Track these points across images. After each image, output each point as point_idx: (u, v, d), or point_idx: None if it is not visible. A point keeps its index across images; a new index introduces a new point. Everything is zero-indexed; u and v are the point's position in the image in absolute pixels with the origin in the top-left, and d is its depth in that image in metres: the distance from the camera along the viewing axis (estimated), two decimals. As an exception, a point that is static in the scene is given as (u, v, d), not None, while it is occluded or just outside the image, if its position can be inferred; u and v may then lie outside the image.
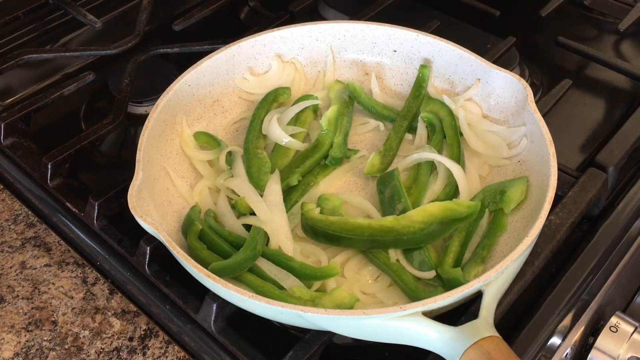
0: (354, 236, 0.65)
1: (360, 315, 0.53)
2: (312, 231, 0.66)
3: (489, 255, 0.65)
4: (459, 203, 0.65)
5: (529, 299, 0.65)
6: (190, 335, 0.62)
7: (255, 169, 0.72)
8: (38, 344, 0.63)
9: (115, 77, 0.86)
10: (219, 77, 0.79)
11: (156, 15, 1.00)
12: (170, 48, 0.89)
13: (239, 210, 0.70)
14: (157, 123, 0.70)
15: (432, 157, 0.72)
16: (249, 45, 0.80)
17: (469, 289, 0.55)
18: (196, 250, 0.64)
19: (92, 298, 0.67)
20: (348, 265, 0.66)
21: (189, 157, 0.74)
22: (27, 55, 0.88)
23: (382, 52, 0.82)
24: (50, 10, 1.00)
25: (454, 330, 0.53)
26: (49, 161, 0.73)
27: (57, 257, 0.71)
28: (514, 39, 0.89)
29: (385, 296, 0.63)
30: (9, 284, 0.68)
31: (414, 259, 0.64)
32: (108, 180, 0.71)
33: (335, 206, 0.69)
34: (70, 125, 0.86)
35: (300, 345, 0.58)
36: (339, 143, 0.75)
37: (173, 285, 0.64)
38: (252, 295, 0.55)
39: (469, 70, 0.77)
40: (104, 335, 0.64)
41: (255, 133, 0.76)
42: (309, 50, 0.83)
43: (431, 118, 0.77)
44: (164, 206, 0.68)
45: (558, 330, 0.62)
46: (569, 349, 0.62)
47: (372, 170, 0.73)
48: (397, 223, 0.64)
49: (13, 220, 0.74)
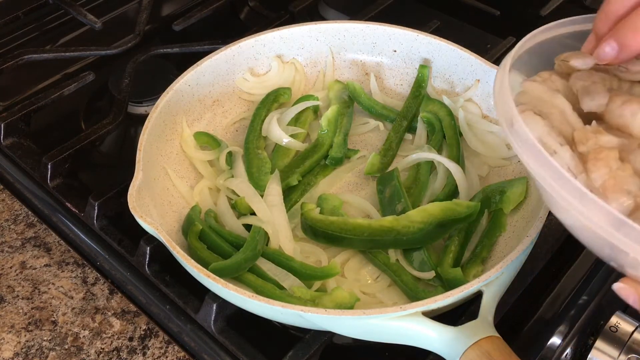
0: (353, 236, 0.65)
1: (360, 315, 0.53)
2: (311, 231, 0.66)
3: (489, 255, 0.66)
4: (459, 203, 0.66)
5: (529, 299, 0.65)
6: (190, 335, 0.62)
7: (256, 169, 0.72)
8: (38, 344, 0.63)
9: (115, 77, 0.86)
10: (219, 77, 0.79)
11: (156, 15, 1.00)
12: (170, 48, 0.89)
13: (239, 210, 0.70)
14: (157, 123, 0.70)
15: (431, 157, 0.72)
16: (249, 45, 0.80)
17: (469, 289, 0.55)
18: (196, 250, 0.64)
19: (92, 298, 0.67)
20: (348, 265, 0.66)
21: (189, 157, 0.74)
22: (27, 55, 0.88)
23: (382, 52, 0.82)
24: (50, 10, 1.00)
25: (454, 330, 0.53)
26: (49, 161, 0.73)
27: (57, 257, 0.71)
28: (514, 39, 0.89)
29: (385, 296, 0.63)
30: (9, 284, 0.68)
31: (413, 259, 0.64)
32: (108, 180, 0.71)
33: (335, 206, 0.69)
34: (70, 125, 0.86)
35: (300, 345, 0.58)
36: (338, 143, 0.75)
37: (173, 285, 0.64)
38: (252, 295, 0.55)
39: (469, 70, 0.77)
40: (104, 335, 0.64)
41: (256, 133, 0.76)
42: (309, 50, 0.83)
43: (431, 118, 0.77)
44: (164, 206, 0.68)
45: (558, 330, 0.62)
46: (569, 349, 0.62)
47: (371, 170, 0.73)
48: (396, 223, 0.64)
49: (13, 220, 0.74)
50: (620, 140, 0.47)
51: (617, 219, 0.41)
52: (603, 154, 0.45)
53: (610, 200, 0.44)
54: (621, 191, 0.44)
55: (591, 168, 0.45)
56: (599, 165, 0.45)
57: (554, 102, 0.50)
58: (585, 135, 0.47)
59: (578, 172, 0.46)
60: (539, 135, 0.47)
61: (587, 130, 0.47)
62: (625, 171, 0.45)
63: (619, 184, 0.44)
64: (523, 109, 0.49)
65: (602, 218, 0.42)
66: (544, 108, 0.50)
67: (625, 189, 0.44)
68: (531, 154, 0.46)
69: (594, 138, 0.46)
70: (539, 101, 0.50)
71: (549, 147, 0.47)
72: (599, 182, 0.45)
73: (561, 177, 0.44)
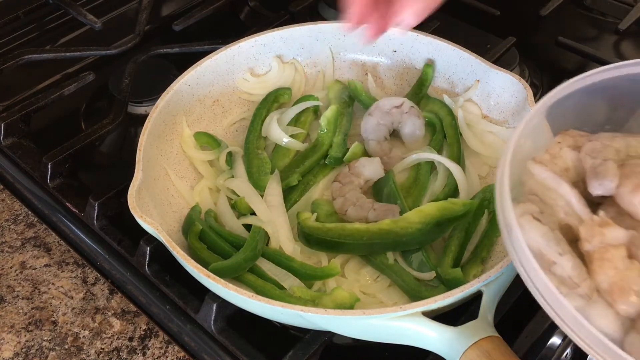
0: (352, 241, 0.64)
1: (360, 315, 0.53)
2: (310, 240, 0.66)
3: (489, 255, 0.66)
4: (455, 202, 0.66)
5: (529, 299, 0.64)
6: (190, 335, 0.62)
7: (256, 169, 0.72)
8: (38, 344, 0.63)
9: (115, 77, 0.86)
10: (219, 77, 0.79)
11: (156, 15, 1.00)
12: (170, 48, 0.89)
13: (239, 210, 0.70)
14: (157, 123, 0.70)
15: (431, 157, 0.72)
16: (249, 46, 0.80)
17: (469, 289, 0.55)
18: (196, 251, 0.64)
19: (92, 298, 0.67)
20: (348, 266, 0.66)
21: (189, 158, 0.74)
22: (27, 55, 0.88)
23: (382, 52, 0.82)
24: (50, 10, 1.00)
25: (454, 330, 0.53)
26: (49, 161, 0.73)
27: (57, 257, 0.71)
28: (514, 39, 0.89)
29: (385, 296, 0.63)
30: (9, 284, 0.68)
31: (412, 260, 0.64)
32: (108, 180, 0.71)
33: (329, 210, 0.69)
34: (70, 125, 0.86)
35: (300, 345, 0.58)
36: (338, 143, 0.75)
37: (173, 285, 0.64)
38: (252, 295, 0.55)
39: (469, 70, 0.77)
40: (104, 335, 0.64)
41: (256, 133, 0.76)
42: (309, 51, 0.83)
43: (431, 118, 0.77)
44: (164, 206, 0.68)
45: (558, 330, 0.62)
46: (569, 349, 0.62)
47: (352, 158, 0.73)
48: (394, 225, 0.64)
49: (13, 220, 0.74)
50: (630, 233, 0.45)
51: (606, 347, 0.41)
52: (609, 254, 0.44)
53: (617, 303, 0.43)
54: (629, 292, 0.43)
55: (596, 270, 0.44)
56: (605, 266, 0.44)
57: (559, 191, 0.48)
58: (591, 232, 0.45)
59: (581, 280, 0.44)
60: (537, 245, 0.46)
61: (594, 223, 0.46)
62: (633, 271, 0.43)
63: (627, 285, 0.43)
64: (523, 211, 0.47)
65: (595, 342, 0.41)
66: (548, 197, 0.48)
67: (635, 289, 0.43)
68: (527, 267, 0.45)
69: (600, 235, 0.45)
70: (544, 189, 0.49)
71: (548, 258, 0.46)
72: (605, 284, 0.44)
73: (554, 299, 0.43)
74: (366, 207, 0.66)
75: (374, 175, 0.71)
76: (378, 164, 0.71)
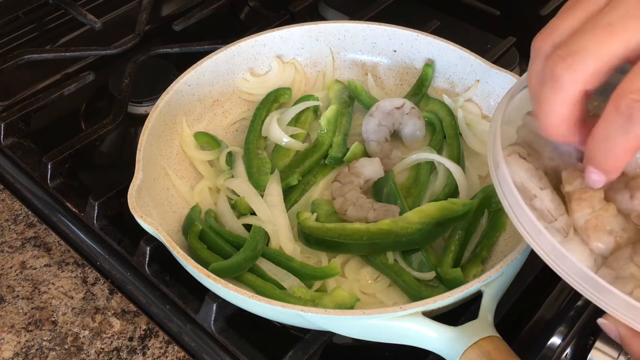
0: (352, 241, 0.64)
1: (360, 315, 0.53)
2: (310, 240, 0.66)
3: (489, 255, 0.66)
4: (454, 202, 0.66)
5: (529, 299, 0.65)
6: (190, 335, 0.62)
7: (256, 169, 0.72)
8: (38, 344, 0.63)
9: (115, 77, 0.86)
10: (219, 77, 0.79)
11: (156, 15, 1.00)
12: (170, 48, 0.89)
13: (239, 210, 0.70)
14: (157, 123, 0.70)
15: (431, 157, 0.72)
16: (249, 46, 0.80)
17: (469, 289, 0.55)
18: (196, 250, 0.64)
19: (92, 298, 0.67)
20: (348, 266, 0.66)
21: (189, 158, 0.74)
22: (27, 55, 0.88)
23: (382, 52, 0.82)
24: (50, 10, 1.00)
25: (454, 330, 0.53)
26: (49, 161, 0.73)
27: (57, 257, 0.71)
28: (514, 39, 0.89)
29: (385, 296, 0.63)
30: (9, 284, 0.68)
31: (412, 260, 0.64)
32: (108, 180, 0.71)
33: (329, 210, 0.69)
34: (70, 125, 0.86)
35: (300, 345, 0.58)
36: (338, 143, 0.75)
37: (173, 285, 0.64)
38: (252, 295, 0.55)
39: (469, 70, 0.77)
40: (104, 335, 0.64)
41: (256, 133, 0.76)
42: (309, 51, 0.83)
43: (431, 118, 0.77)
44: (164, 206, 0.68)
45: (558, 330, 0.62)
46: (569, 349, 0.62)
47: (352, 158, 0.73)
48: (394, 225, 0.64)
49: (13, 220, 0.74)
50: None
51: (584, 274, 0.43)
52: (587, 194, 0.46)
53: (591, 240, 0.45)
54: (602, 231, 0.45)
55: (574, 208, 0.46)
56: (582, 205, 0.46)
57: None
58: (572, 175, 0.47)
59: (558, 214, 0.46)
60: (520, 179, 0.48)
61: (576, 169, 0.47)
62: (608, 211, 0.46)
63: (601, 224, 0.45)
64: (511, 151, 0.49)
65: (573, 270, 0.43)
66: (538, 144, 0.50)
67: (608, 229, 0.45)
68: (510, 200, 0.47)
69: (580, 177, 0.46)
70: (535, 137, 0.50)
71: (529, 191, 0.47)
72: (581, 221, 0.46)
73: (534, 228, 0.45)
74: (366, 207, 0.66)
75: (373, 175, 0.71)
76: (378, 164, 0.71)
